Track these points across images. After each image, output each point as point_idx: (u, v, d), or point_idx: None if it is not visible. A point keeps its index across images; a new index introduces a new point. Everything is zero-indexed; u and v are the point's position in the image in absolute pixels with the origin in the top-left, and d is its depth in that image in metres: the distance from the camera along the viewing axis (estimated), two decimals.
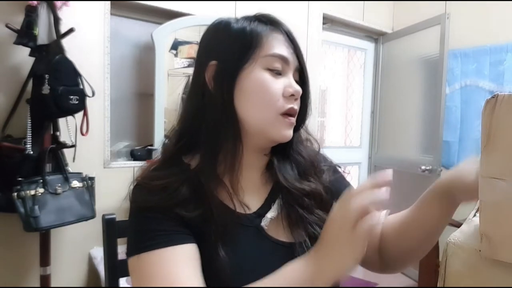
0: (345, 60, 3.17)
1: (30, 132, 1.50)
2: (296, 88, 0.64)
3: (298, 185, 0.67)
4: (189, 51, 2.51)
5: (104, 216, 0.87)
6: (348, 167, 3.07)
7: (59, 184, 1.53)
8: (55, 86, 1.47)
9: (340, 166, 0.80)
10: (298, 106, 0.67)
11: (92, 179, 1.67)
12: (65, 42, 1.57)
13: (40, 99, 1.47)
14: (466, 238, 0.44)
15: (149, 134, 2.12)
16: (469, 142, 2.52)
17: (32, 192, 1.44)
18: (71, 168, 1.63)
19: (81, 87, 1.58)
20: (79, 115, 1.64)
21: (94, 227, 1.66)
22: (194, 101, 0.66)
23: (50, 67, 1.47)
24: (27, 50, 1.50)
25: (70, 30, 1.57)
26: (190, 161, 0.67)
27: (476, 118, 2.50)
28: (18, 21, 1.50)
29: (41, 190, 1.46)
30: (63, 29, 1.56)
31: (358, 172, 3.11)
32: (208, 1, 2.15)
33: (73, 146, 1.64)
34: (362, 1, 2.85)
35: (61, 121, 1.64)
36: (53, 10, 1.53)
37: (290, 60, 0.65)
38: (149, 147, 2.09)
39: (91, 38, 1.82)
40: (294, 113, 0.65)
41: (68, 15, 1.64)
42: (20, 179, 1.43)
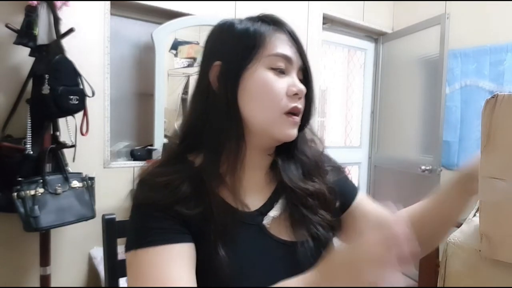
0: (345, 60, 3.17)
1: (30, 132, 1.50)
2: (300, 87, 0.64)
3: (302, 185, 0.67)
4: (189, 51, 2.51)
5: (104, 216, 0.87)
6: (348, 167, 3.07)
7: (59, 184, 1.53)
8: (55, 86, 1.47)
9: (343, 167, 0.80)
10: (303, 105, 0.67)
11: (92, 179, 1.67)
12: (65, 42, 1.57)
13: (40, 99, 1.47)
14: (466, 238, 0.44)
15: (149, 134, 2.12)
16: (469, 142, 2.52)
17: (32, 192, 1.44)
18: (71, 168, 1.63)
19: (81, 87, 1.58)
20: (79, 115, 1.63)
21: (94, 227, 1.66)
22: (199, 101, 0.67)
23: (50, 67, 1.47)
24: (27, 50, 1.50)
25: (70, 30, 1.57)
26: (194, 159, 0.67)
27: (476, 118, 2.50)
28: (18, 21, 1.49)
29: (41, 190, 1.46)
30: (63, 29, 1.56)
31: (358, 172, 3.11)
32: (208, 1, 2.15)
33: (73, 146, 1.64)
34: (362, 1, 2.85)
35: (61, 121, 1.64)
36: (53, 10, 1.53)
37: (294, 60, 0.65)
38: (149, 147, 2.09)
39: (91, 38, 1.82)
40: (298, 112, 0.65)
41: (68, 15, 1.64)
42: (20, 179, 1.43)
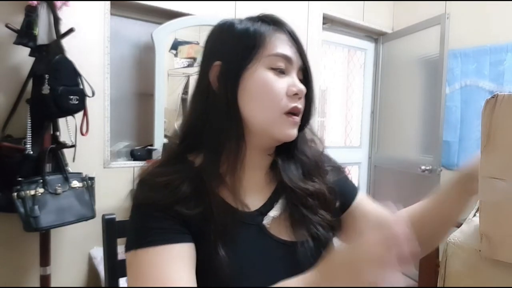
0: (345, 60, 3.17)
1: (30, 132, 1.50)
2: (300, 87, 0.64)
3: (302, 185, 0.67)
4: (189, 51, 2.51)
5: (104, 216, 0.87)
6: (348, 167, 3.07)
7: (59, 184, 1.53)
8: (55, 86, 1.47)
9: (343, 167, 0.80)
10: (303, 105, 0.67)
11: (92, 179, 1.67)
12: (65, 42, 1.57)
13: (40, 99, 1.47)
14: (466, 238, 0.44)
15: (149, 134, 2.12)
16: (469, 142, 2.52)
17: (32, 192, 1.44)
18: (71, 168, 1.63)
19: (81, 87, 1.58)
20: (79, 115, 1.63)
21: (94, 227, 1.66)
22: (199, 101, 0.67)
23: (50, 67, 1.47)
24: (27, 50, 1.50)
25: (70, 30, 1.57)
26: (194, 159, 0.67)
27: (476, 118, 2.50)
28: (18, 21, 1.49)
29: (41, 190, 1.46)
30: (63, 29, 1.56)
31: (358, 172, 3.11)
32: (208, 1, 2.15)
33: (73, 146, 1.64)
34: (362, 1, 2.85)
35: (61, 121, 1.64)
36: (53, 10, 1.53)
37: (294, 60, 0.65)
38: (149, 147, 2.09)
39: (91, 38, 1.82)
40: (298, 112, 0.65)
41: (68, 15, 1.64)
42: (20, 179, 1.43)
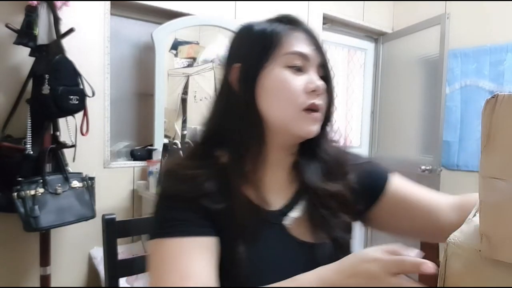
0: (345, 60, 3.17)
1: (30, 132, 1.50)
2: (317, 83, 0.64)
3: (324, 186, 0.67)
4: (189, 51, 2.51)
5: (104, 216, 0.87)
6: None
7: (59, 184, 1.53)
8: (55, 86, 1.47)
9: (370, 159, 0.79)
10: (324, 102, 0.66)
11: (92, 179, 1.67)
12: (65, 42, 1.57)
13: (40, 99, 1.47)
14: (466, 238, 0.44)
15: (149, 134, 2.12)
16: (469, 142, 2.52)
17: (32, 192, 1.44)
18: (71, 168, 1.63)
19: (81, 87, 1.58)
20: (79, 115, 1.63)
21: (94, 227, 1.66)
22: (221, 103, 0.69)
23: (50, 67, 1.47)
24: (27, 50, 1.50)
25: (70, 30, 1.57)
26: (220, 156, 0.68)
27: (476, 118, 2.50)
28: (18, 21, 1.49)
29: (41, 190, 1.46)
30: (63, 29, 1.56)
31: None
32: (208, 1, 2.15)
33: (73, 146, 1.64)
34: (362, 1, 2.85)
35: (61, 121, 1.64)
36: (53, 10, 1.53)
37: (311, 57, 0.65)
38: (149, 147, 2.09)
39: (91, 38, 1.82)
40: (317, 108, 0.65)
41: (68, 15, 1.64)
42: (20, 179, 1.43)
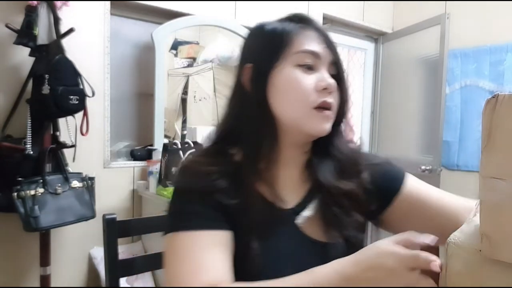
0: (345, 60, 3.17)
1: (30, 132, 1.50)
2: (329, 81, 0.64)
3: (337, 184, 0.67)
4: (189, 51, 2.51)
5: (105, 216, 0.87)
6: None
7: (59, 184, 1.53)
8: (55, 86, 1.47)
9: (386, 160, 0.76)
10: (336, 100, 0.66)
11: (92, 179, 1.67)
12: (65, 42, 1.57)
13: (40, 99, 1.47)
14: (467, 238, 0.44)
15: (149, 134, 2.12)
16: (469, 142, 2.52)
17: (32, 192, 1.44)
18: (71, 168, 1.63)
19: (81, 87, 1.58)
20: (79, 115, 1.63)
21: (94, 227, 1.66)
22: (234, 103, 0.71)
23: (50, 67, 1.47)
24: (27, 50, 1.50)
25: (70, 30, 1.57)
26: (235, 154, 0.69)
27: (476, 118, 2.50)
28: (18, 21, 1.49)
29: (41, 190, 1.46)
30: (63, 29, 1.56)
31: None
32: (208, 1, 2.15)
33: (73, 146, 1.64)
34: (362, 1, 2.85)
35: (61, 121, 1.64)
36: (53, 10, 1.53)
37: (322, 55, 0.65)
38: (149, 147, 2.09)
39: (91, 38, 1.82)
40: (329, 106, 0.65)
41: (68, 15, 1.64)
42: (20, 179, 1.43)
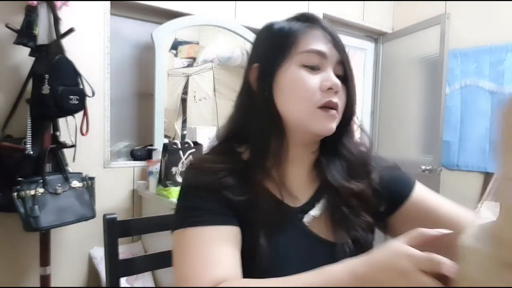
0: None
1: (30, 132, 1.50)
2: (334, 81, 0.63)
3: (346, 184, 0.67)
4: (189, 51, 2.51)
5: (105, 216, 0.87)
6: None
7: (59, 184, 1.53)
8: (55, 86, 1.47)
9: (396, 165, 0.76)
10: (342, 100, 0.66)
11: (92, 179, 1.67)
12: (65, 42, 1.57)
13: (40, 99, 1.47)
14: (478, 241, 0.44)
15: (149, 134, 2.12)
16: (469, 142, 2.53)
17: (32, 192, 1.44)
18: (71, 168, 1.63)
19: (81, 87, 1.58)
20: (79, 115, 1.63)
21: (94, 227, 1.66)
22: (241, 102, 0.71)
23: (50, 67, 1.47)
24: (27, 50, 1.50)
25: (70, 30, 1.57)
26: (243, 152, 0.69)
27: (476, 118, 2.51)
28: (18, 21, 1.49)
29: (41, 190, 1.46)
30: (63, 29, 1.56)
31: None
32: (208, 1, 2.15)
33: (73, 146, 1.64)
34: (362, 1, 2.85)
35: (61, 121, 1.64)
36: (53, 10, 1.53)
37: (328, 55, 0.65)
38: (149, 147, 2.09)
39: (91, 38, 1.82)
40: (334, 106, 0.64)
41: (68, 15, 1.63)
42: (20, 179, 1.43)
